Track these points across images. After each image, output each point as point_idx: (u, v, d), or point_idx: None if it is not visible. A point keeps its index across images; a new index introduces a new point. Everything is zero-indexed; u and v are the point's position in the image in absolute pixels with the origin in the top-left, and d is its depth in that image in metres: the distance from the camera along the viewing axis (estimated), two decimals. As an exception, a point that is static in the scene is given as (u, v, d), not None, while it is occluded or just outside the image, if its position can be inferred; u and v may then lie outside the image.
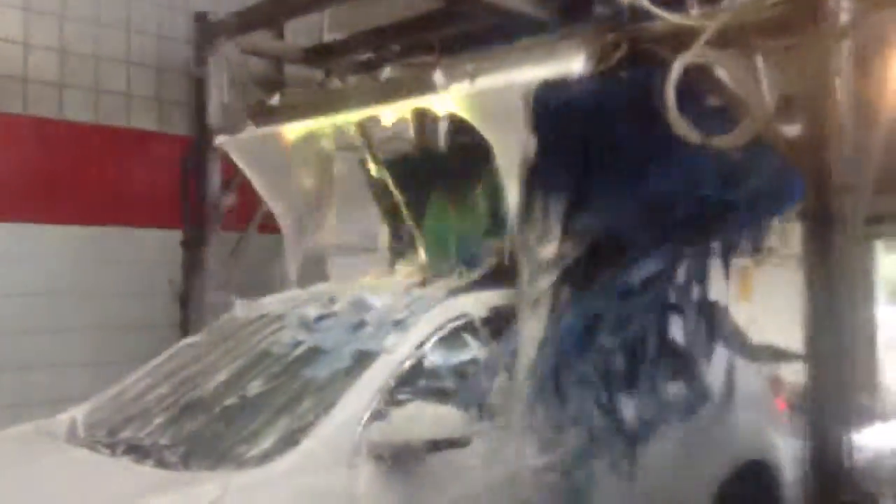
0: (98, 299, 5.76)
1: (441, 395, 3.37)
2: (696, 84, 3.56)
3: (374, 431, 3.07)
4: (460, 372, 3.57)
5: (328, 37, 6.66)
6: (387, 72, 4.78)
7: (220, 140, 5.64)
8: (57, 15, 6.09)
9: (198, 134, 5.98)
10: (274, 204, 5.44)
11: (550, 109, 3.83)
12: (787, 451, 4.42)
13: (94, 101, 6.21)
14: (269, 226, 6.05)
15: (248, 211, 5.62)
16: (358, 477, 2.99)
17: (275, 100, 5.50)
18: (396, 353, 3.42)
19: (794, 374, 3.96)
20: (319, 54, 6.34)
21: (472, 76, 4.12)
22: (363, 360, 3.40)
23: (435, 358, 3.52)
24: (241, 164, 5.54)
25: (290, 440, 3.08)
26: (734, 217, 4.22)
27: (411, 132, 5.57)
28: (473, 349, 3.68)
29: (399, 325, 3.60)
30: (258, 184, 5.43)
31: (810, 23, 3.33)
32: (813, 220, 3.35)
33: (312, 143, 5.27)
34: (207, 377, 3.74)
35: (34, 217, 5.87)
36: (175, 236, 6.00)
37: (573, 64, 3.75)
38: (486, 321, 3.81)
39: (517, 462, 3.50)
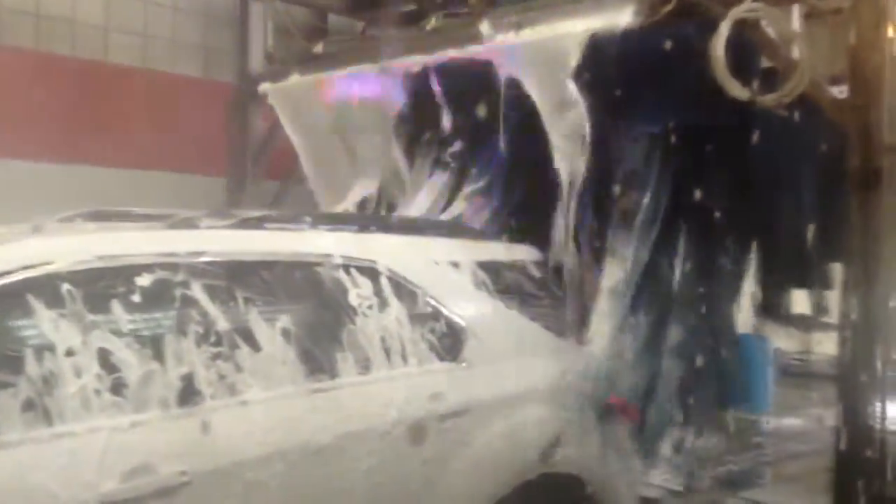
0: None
1: None
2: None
3: None
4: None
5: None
6: (432, 22, 4.75)
7: (263, 87, 5.69)
8: (105, -41, 6.14)
9: (241, 81, 6.05)
10: (304, 154, 5.46)
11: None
12: (608, 464, 3.45)
13: (141, 45, 6.27)
14: (309, 175, 6.13)
15: (292, 160, 5.65)
16: None
17: (319, 48, 5.53)
18: None
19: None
20: (363, 4, 6.33)
21: (518, 27, 4.12)
22: None
23: None
24: (280, 113, 5.58)
25: None
26: None
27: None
28: (41, 320, 2.27)
29: None
30: (293, 132, 5.47)
31: (862, -19, 3.30)
32: (857, 180, 3.34)
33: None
34: None
35: (79, 158, 5.97)
36: (221, 183, 6.12)
37: (621, 16, 3.74)
38: (88, 276, 2.38)
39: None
